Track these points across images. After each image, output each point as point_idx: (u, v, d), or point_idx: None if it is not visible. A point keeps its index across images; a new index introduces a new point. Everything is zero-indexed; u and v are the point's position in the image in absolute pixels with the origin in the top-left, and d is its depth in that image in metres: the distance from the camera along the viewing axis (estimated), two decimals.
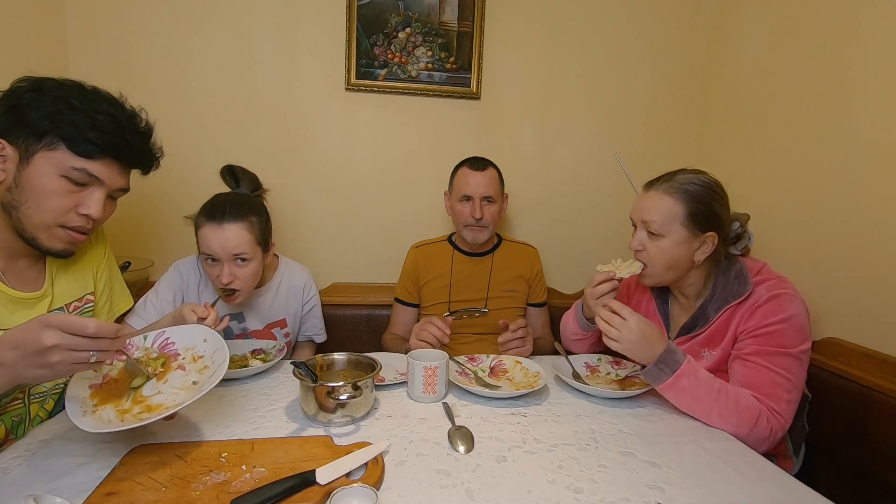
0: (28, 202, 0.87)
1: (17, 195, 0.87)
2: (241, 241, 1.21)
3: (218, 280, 1.22)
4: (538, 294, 1.67)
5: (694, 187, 1.09)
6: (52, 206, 0.88)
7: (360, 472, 0.77)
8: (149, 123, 0.99)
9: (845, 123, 1.34)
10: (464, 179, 1.55)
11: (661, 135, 1.95)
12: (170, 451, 0.82)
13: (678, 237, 1.09)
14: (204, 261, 1.25)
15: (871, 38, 1.28)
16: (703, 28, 1.91)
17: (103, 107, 0.90)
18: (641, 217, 1.12)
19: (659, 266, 1.12)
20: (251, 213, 1.25)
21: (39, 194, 0.87)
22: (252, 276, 1.26)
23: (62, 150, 0.86)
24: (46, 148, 0.86)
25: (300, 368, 0.94)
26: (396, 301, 1.68)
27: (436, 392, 1.07)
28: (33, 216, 0.88)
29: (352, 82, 1.75)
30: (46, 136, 0.85)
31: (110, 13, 1.61)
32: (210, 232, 1.20)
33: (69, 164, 0.87)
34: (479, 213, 1.51)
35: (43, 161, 0.86)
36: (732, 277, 1.10)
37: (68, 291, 1.02)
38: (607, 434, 0.96)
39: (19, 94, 0.86)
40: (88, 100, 0.89)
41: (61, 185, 0.88)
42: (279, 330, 1.43)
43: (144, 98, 1.69)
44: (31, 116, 0.85)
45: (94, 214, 0.91)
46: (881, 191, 1.24)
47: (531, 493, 0.76)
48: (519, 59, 1.84)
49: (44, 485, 0.74)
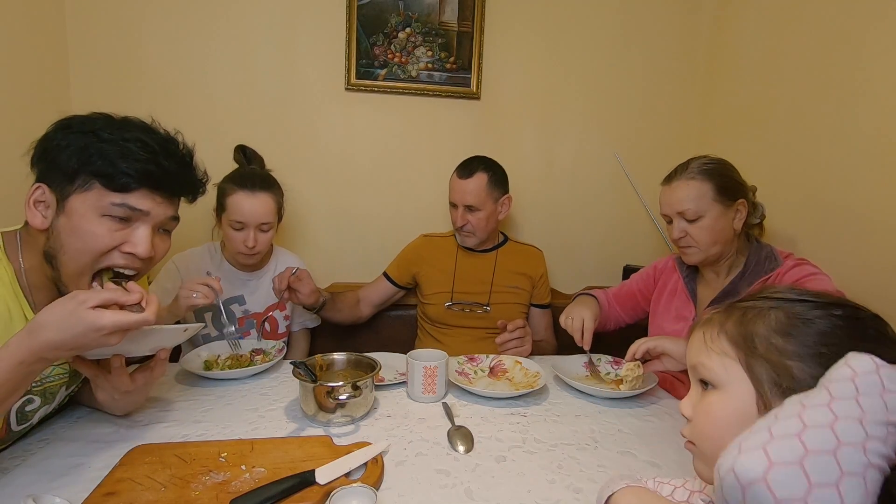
0: (65, 247, 0.80)
1: (54, 242, 0.80)
2: (269, 210, 1.35)
3: (244, 244, 1.33)
4: (542, 295, 1.66)
5: (710, 166, 1.16)
6: (95, 247, 0.80)
7: (360, 472, 0.77)
8: (187, 146, 0.91)
9: (845, 122, 1.34)
10: (451, 185, 1.56)
11: (661, 134, 1.95)
12: (169, 451, 0.82)
13: (715, 213, 1.14)
14: (227, 225, 1.34)
15: (871, 35, 1.27)
16: (703, 27, 1.91)
17: (133, 134, 0.83)
18: (675, 209, 1.17)
19: (705, 244, 1.16)
20: (276, 187, 1.41)
21: (80, 238, 0.79)
22: (268, 242, 1.40)
23: (97, 188, 0.79)
24: (81, 189, 0.79)
25: (300, 368, 0.94)
26: (383, 275, 1.69)
27: (435, 392, 1.07)
28: (72, 262, 0.80)
29: (352, 82, 1.75)
30: (79, 176, 0.79)
31: (110, 14, 1.61)
32: (243, 198, 1.32)
33: (107, 202, 0.79)
34: (461, 220, 1.53)
35: (79, 204, 0.79)
36: (763, 257, 1.17)
37: None
38: (607, 434, 0.95)
39: (50, 136, 0.81)
40: (117, 129, 0.82)
41: (104, 225, 0.80)
42: (279, 312, 1.50)
43: (143, 99, 1.71)
44: (61, 158, 0.79)
45: (141, 253, 0.82)
46: (882, 187, 1.24)
47: (531, 493, 0.76)
48: (519, 59, 1.84)
49: (44, 485, 0.74)
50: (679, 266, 1.31)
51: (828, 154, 1.39)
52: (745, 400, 0.53)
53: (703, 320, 0.62)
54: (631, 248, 2.00)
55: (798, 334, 0.53)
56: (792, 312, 0.54)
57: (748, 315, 0.57)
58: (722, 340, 0.57)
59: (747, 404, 0.53)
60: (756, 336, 0.54)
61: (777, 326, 0.54)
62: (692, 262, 1.22)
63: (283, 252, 1.57)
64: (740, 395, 0.54)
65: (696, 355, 0.60)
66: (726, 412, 0.55)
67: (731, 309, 0.59)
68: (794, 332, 0.53)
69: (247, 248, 1.33)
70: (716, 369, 0.57)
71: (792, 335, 0.53)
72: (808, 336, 0.52)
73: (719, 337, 0.58)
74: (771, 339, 0.53)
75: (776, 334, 0.53)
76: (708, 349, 0.58)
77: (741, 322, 0.57)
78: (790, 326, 0.53)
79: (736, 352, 0.55)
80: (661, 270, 1.39)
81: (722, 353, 0.57)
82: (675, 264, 1.33)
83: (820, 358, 0.50)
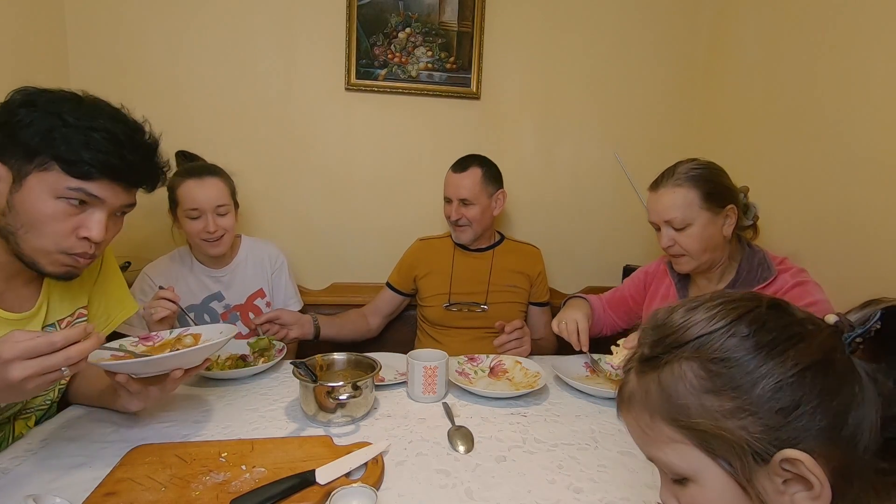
0: (24, 227, 0.80)
1: (13, 220, 0.80)
2: (221, 192, 1.37)
3: (204, 231, 1.34)
4: (540, 294, 1.66)
5: (697, 171, 1.12)
6: (51, 230, 0.81)
7: (360, 472, 0.77)
8: (153, 136, 0.90)
9: (846, 122, 1.33)
10: (446, 180, 1.58)
11: (661, 134, 1.95)
12: (169, 451, 0.82)
13: (704, 220, 1.11)
14: (184, 217, 1.35)
15: (871, 35, 1.27)
16: (704, 27, 1.91)
17: (100, 122, 0.81)
18: (662, 217, 1.14)
19: (695, 252, 1.13)
20: (222, 172, 1.42)
21: (36, 219, 0.80)
22: (229, 227, 1.39)
23: (56, 171, 0.79)
24: (39, 169, 0.78)
25: (300, 368, 0.94)
26: (386, 285, 1.70)
27: (435, 392, 1.07)
28: (32, 241, 0.81)
29: (352, 82, 1.75)
30: (39, 156, 0.78)
31: (110, 14, 1.61)
32: (193, 186, 1.34)
33: (64, 185, 0.79)
34: (455, 214, 1.54)
35: (36, 183, 0.79)
36: (756, 264, 1.13)
37: (62, 307, 0.97)
38: (607, 434, 0.95)
39: (12, 109, 0.79)
40: (84, 115, 0.81)
41: (58, 207, 0.80)
42: (261, 300, 1.52)
43: (144, 99, 1.70)
44: (22, 135, 0.77)
45: (95, 237, 0.83)
46: (881, 189, 1.24)
47: (531, 492, 0.76)
48: (519, 59, 1.84)
49: (44, 485, 0.74)
50: (671, 271, 1.29)
51: (827, 154, 1.38)
52: (725, 487, 0.45)
53: (624, 398, 0.52)
54: (631, 248, 2.00)
55: (726, 385, 0.44)
56: (706, 357, 0.45)
57: (664, 379, 0.47)
58: (661, 425, 0.47)
59: (729, 492, 0.45)
60: (689, 407, 0.45)
61: (700, 384, 0.45)
62: (684, 271, 1.20)
63: (252, 240, 1.57)
64: (716, 483, 0.45)
65: (645, 447, 0.51)
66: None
67: (644, 373, 0.50)
68: (720, 385, 0.44)
69: (208, 233, 1.34)
70: (675, 463, 0.47)
71: (721, 389, 0.44)
72: (737, 379, 0.44)
73: (654, 422, 0.48)
74: (704, 404, 0.45)
75: (705, 395, 0.45)
76: (652, 440, 0.49)
77: (662, 392, 0.47)
78: (712, 379, 0.45)
79: (682, 434, 0.46)
80: (652, 275, 1.36)
81: (671, 442, 0.47)
82: (666, 268, 1.31)
83: (764, 396, 0.43)
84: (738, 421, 0.43)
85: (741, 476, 0.44)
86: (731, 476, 0.44)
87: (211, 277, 1.47)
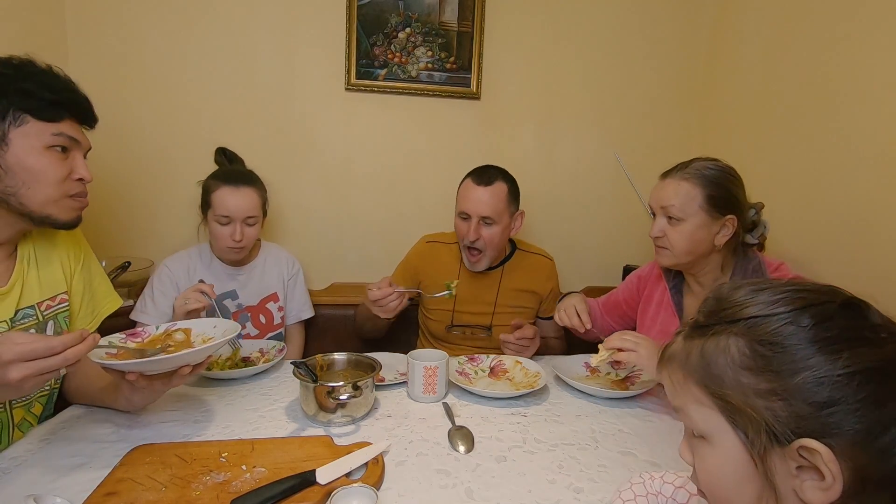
0: (26, 184, 0.84)
1: (10, 181, 0.83)
2: (254, 204, 1.40)
3: (231, 238, 1.37)
4: (549, 310, 1.54)
5: (710, 171, 1.10)
6: (53, 178, 0.86)
7: (361, 472, 0.78)
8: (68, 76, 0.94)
9: (847, 122, 1.33)
10: (464, 193, 1.40)
11: (661, 134, 1.95)
12: (170, 451, 0.82)
13: (698, 221, 1.09)
14: (213, 221, 1.38)
15: (871, 34, 1.27)
16: (704, 27, 1.91)
17: (38, 68, 0.87)
18: (661, 203, 1.13)
19: (679, 250, 1.11)
20: (259, 182, 1.45)
21: (37, 172, 0.84)
22: (255, 237, 1.43)
23: (31, 122, 0.83)
24: (15, 125, 0.83)
25: (300, 368, 0.94)
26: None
27: (436, 392, 1.07)
28: (38, 195, 0.85)
29: (352, 82, 1.75)
30: (8, 113, 0.82)
31: (110, 14, 1.61)
32: (228, 193, 1.36)
33: (49, 133, 0.85)
34: (473, 234, 1.37)
35: (20, 138, 0.83)
36: (751, 271, 1.11)
37: (39, 289, 0.96)
38: (607, 434, 0.95)
39: None
40: (24, 65, 0.86)
41: (52, 157, 0.86)
42: (273, 304, 1.53)
43: (143, 98, 1.71)
44: None
45: (87, 177, 0.91)
46: (883, 187, 1.24)
47: (531, 492, 0.76)
48: (519, 59, 1.84)
49: (44, 485, 0.74)
50: (666, 275, 1.26)
51: (828, 154, 1.38)
52: (737, 456, 0.46)
53: (665, 355, 0.54)
54: (631, 248, 2.00)
55: (767, 367, 0.44)
56: (755, 337, 0.46)
57: (708, 348, 0.48)
58: (691, 386, 0.49)
59: (739, 461, 0.46)
60: (724, 379, 0.46)
61: (741, 360, 0.46)
62: (663, 265, 1.19)
63: (271, 246, 1.59)
64: (730, 449, 0.47)
65: (673, 399, 0.53)
66: (723, 470, 0.48)
67: (691, 338, 0.51)
68: (761, 365, 0.45)
69: (234, 241, 1.37)
70: (696, 421, 0.49)
71: (761, 369, 0.45)
72: (780, 364, 0.44)
73: (686, 382, 0.50)
74: (740, 379, 0.46)
75: (743, 371, 0.46)
76: (681, 395, 0.51)
77: (702, 358, 0.48)
78: (755, 358, 0.45)
79: (710, 399, 0.48)
80: (645, 279, 1.34)
81: (697, 402, 0.49)
82: (661, 272, 1.28)
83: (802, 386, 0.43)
84: (767, 402, 0.44)
85: (755, 450, 0.45)
86: (745, 447, 0.46)
87: (228, 275, 1.48)
